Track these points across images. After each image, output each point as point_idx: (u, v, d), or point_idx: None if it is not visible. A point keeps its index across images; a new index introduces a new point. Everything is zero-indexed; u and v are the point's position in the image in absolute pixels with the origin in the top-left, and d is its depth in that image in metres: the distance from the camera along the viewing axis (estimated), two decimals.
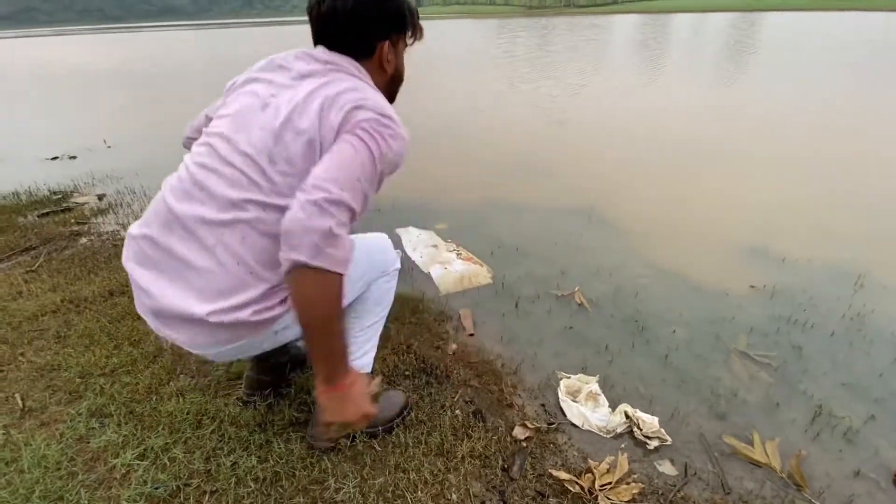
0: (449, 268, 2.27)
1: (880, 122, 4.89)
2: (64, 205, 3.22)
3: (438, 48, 16.01)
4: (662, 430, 1.36)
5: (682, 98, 6.40)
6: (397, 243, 2.52)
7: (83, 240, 2.66)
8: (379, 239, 1.20)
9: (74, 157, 4.45)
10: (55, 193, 3.45)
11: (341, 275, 0.78)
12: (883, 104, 5.68)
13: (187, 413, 1.26)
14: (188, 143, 1.14)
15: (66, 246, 2.57)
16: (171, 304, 0.86)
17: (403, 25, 1.00)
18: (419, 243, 2.51)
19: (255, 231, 0.84)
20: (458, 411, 1.37)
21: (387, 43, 0.98)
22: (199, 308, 0.84)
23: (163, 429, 1.22)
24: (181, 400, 1.32)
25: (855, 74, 7.94)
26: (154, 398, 1.32)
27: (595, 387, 1.53)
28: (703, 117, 5.30)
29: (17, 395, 1.36)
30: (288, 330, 0.97)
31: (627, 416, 1.40)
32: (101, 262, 2.32)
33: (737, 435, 1.37)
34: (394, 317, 1.81)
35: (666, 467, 1.28)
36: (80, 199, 3.32)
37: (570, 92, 6.96)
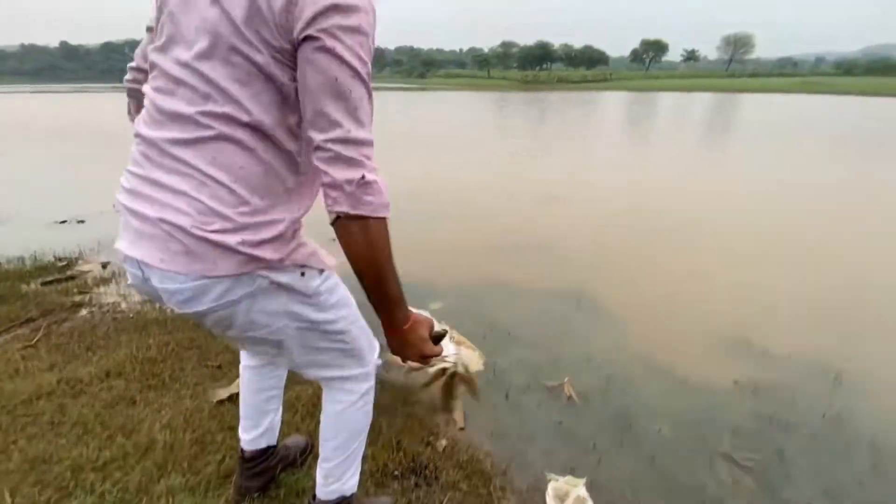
0: (442, 353, 2.32)
1: (869, 210, 5.18)
2: (68, 273, 3.30)
3: (440, 120, 16.98)
4: None
5: (676, 176, 6.77)
6: None
7: (84, 311, 2.72)
8: (368, 334, 1.08)
9: (83, 221, 4.60)
10: (60, 260, 3.54)
11: (384, 219, 0.76)
12: (872, 192, 6.03)
13: None
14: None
15: (66, 318, 2.62)
16: (155, 215, 0.77)
17: None
18: None
19: (227, 147, 0.76)
20: None
21: None
22: (183, 219, 0.76)
23: None
24: (171, 501, 1.32)
25: (840, 159, 8.47)
26: (144, 499, 1.33)
27: (583, 490, 1.54)
28: (696, 197, 5.60)
29: (6, 492, 1.36)
30: (263, 316, 0.87)
31: None
32: (100, 337, 2.37)
33: None
34: (385, 408, 1.85)
35: None
36: (85, 267, 3.41)
37: (565, 166, 7.36)
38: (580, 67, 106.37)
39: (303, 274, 0.88)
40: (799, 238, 4.17)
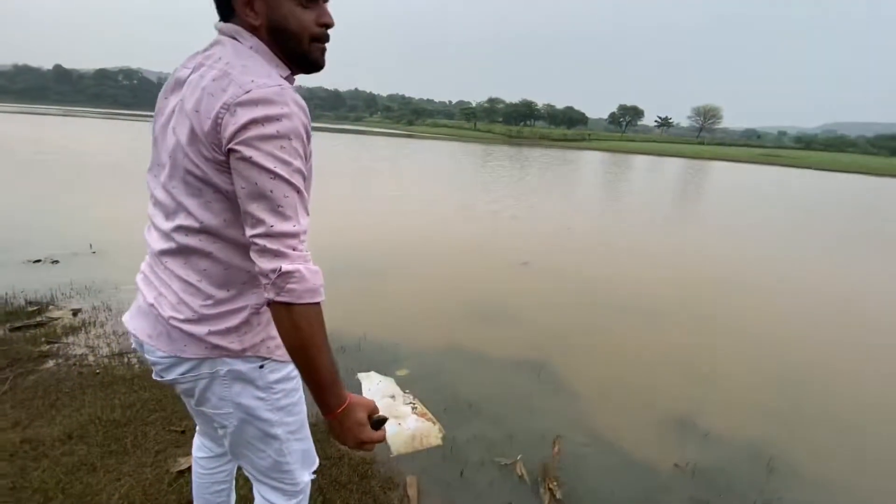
0: (403, 424, 2.42)
1: (825, 293, 5.58)
2: (38, 318, 3.30)
3: (420, 170, 17.55)
4: None
5: (648, 247, 7.17)
6: (356, 388, 2.67)
7: (50, 363, 2.72)
8: (308, 450, 1.10)
9: (57, 262, 4.59)
10: (31, 304, 3.53)
11: (311, 304, 0.80)
12: (827, 269, 6.50)
13: None
14: None
15: (32, 370, 2.62)
16: (150, 301, 0.97)
17: None
18: (376, 393, 2.67)
19: (191, 253, 0.92)
20: None
21: None
22: (166, 310, 0.94)
23: None
24: None
25: (799, 235, 9.11)
26: None
27: None
28: (667, 271, 5.93)
29: None
30: (215, 398, 0.98)
31: None
32: (65, 394, 2.38)
33: None
34: (341, 482, 1.92)
35: None
36: (55, 314, 3.41)
37: (539, 231, 7.71)
38: (561, 126, 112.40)
39: (261, 366, 0.97)
40: (753, 321, 4.47)
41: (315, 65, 0.95)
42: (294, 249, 0.81)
